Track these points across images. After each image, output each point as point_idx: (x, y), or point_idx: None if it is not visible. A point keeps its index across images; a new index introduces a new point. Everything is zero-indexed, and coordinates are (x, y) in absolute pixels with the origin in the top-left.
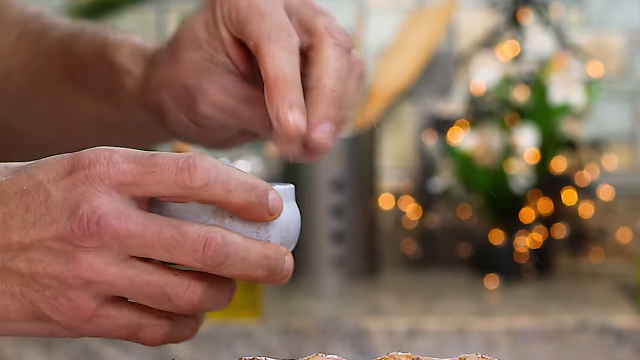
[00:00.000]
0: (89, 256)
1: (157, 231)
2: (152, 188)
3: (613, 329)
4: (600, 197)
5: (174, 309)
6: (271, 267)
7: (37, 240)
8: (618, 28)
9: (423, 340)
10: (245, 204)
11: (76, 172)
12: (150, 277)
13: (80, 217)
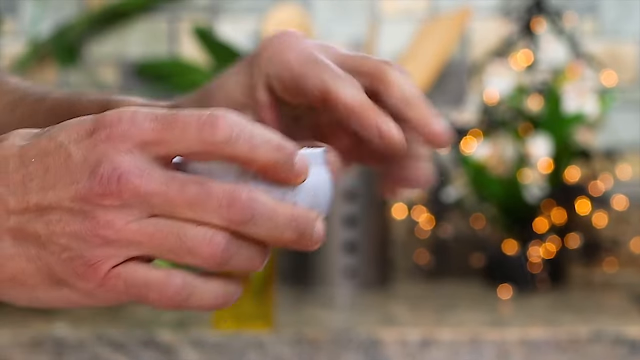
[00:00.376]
0: (109, 214)
1: (180, 188)
2: (174, 145)
3: (627, 339)
4: (614, 207)
5: (197, 262)
6: (300, 229)
7: (55, 201)
8: (632, 37)
9: (436, 351)
10: (270, 163)
11: (98, 132)
12: (169, 229)
13: (100, 176)
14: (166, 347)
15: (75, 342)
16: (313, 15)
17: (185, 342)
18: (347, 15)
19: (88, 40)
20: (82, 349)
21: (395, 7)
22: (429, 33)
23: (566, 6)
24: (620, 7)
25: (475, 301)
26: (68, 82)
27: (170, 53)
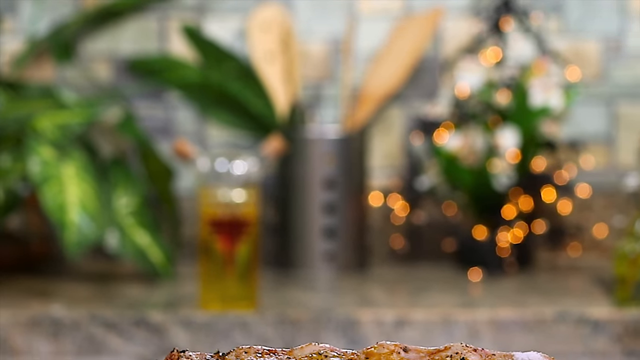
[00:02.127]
0: None
1: None
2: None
3: (590, 319)
4: (577, 195)
5: None
6: None
7: None
8: (595, 35)
9: (410, 330)
10: None
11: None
12: None
13: None
14: (156, 326)
15: (71, 323)
16: (294, 14)
17: (174, 322)
18: (326, 14)
19: (83, 38)
20: (77, 329)
21: (372, 7)
22: (403, 31)
23: (533, 6)
24: (584, 7)
25: (447, 284)
26: (64, 77)
27: (160, 50)
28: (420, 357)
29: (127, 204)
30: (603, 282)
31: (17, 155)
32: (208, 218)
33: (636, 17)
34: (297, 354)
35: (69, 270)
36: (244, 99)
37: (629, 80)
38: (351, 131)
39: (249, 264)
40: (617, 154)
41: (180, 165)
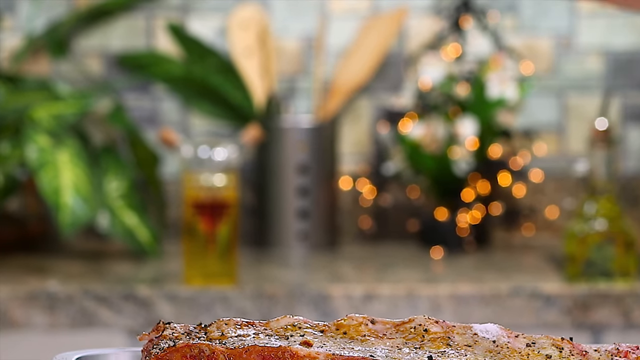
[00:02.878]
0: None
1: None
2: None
3: (542, 294)
4: (531, 180)
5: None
6: None
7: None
8: (547, 32)
9: (377, 304)
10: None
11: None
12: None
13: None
14: (144, 300)
15: (65, 297)
16: (270, 13)
17: (160, 296)
18: (300, 14)
19: (76, 35)
20: (71, 303)
21: (342, 6)
22: (371, 29)
23: (490, 5)
24: (537, 6)
25: (411, 261)
26: (59, 71)
27: (147, 46)
28: (387, 328)
29: (116, 188)
30: (554, 260)
31: (15, 143)
32: (191, 201)
33: (585, 15)
34: (273, 325)
35: (64, 249)
36: (225, 91)
37: (578, 74)
38: (323, 121)
39: (229, 243)
40: (567, 142)
41: (166, 152)
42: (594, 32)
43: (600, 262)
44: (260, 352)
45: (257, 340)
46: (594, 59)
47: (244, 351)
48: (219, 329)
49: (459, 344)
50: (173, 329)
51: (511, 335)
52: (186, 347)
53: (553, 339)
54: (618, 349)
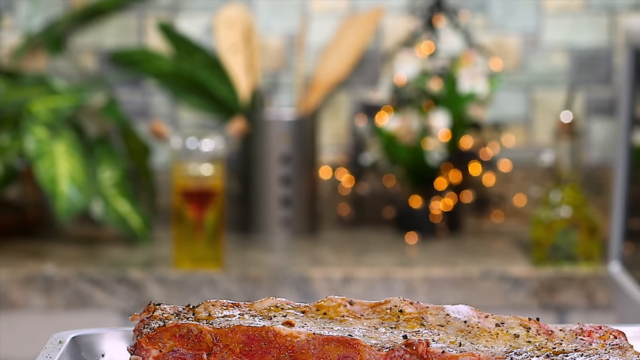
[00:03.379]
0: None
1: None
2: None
3: (511, 276)
4: (500, 169)
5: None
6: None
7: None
8: (515, 31)
9: (355, 286)
10: None
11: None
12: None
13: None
14: (135, 283)
15: (61, 279)
16: (255, 12)
17: (151, 279)
18: (282, 13)
19: (72, 33)
20: (66, 285)
21: (322, 6)
22: (349, 27)
23: (461, 5)
24: (506, 6)
25: (387, 246)
26: (56, 67)
27: (139, 44)
28: (364, 309)
29: (110, 177)
30: (522, 245)
31: (14, 135)
32: (180, 189)
33: (551, 15)
34: (257, 306)
35: (60, 234)
36: (211, 86)
37: (544, 70)
38: (304, 114)
39: (215, 229)
40: (534, 133)
41: (156, 143)
42: (559, 31)
43: (565, 246)
44: (245, 331)
45: (242, 320)
46: (559, 56)
47: (230, 331)
48: (206, 310)
49: (432, 324)
50: (163, 310)
51: (481, 316)
52: (175, 327)
53: (521, 319)
54: (582, 328)
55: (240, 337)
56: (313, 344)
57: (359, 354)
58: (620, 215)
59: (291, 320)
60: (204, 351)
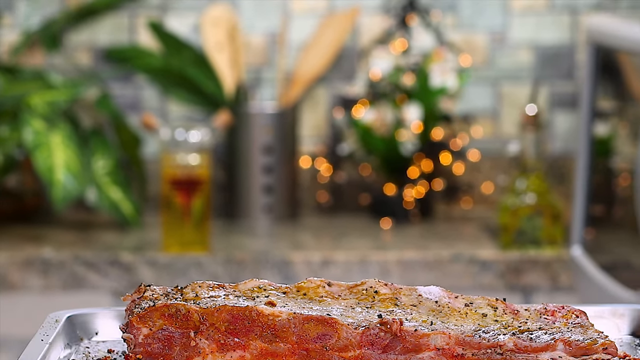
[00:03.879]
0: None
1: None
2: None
3: (479, 259)
4: (469, 159)
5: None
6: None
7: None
8: (483, 29)
9: (334, 269)
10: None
11: None
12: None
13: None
14: (127, 265)
15: (58, 262)
16: (239, 12)
17: (141, 262)
18: (265, 12)
19: (67, 31)
20: (63, 267)
21: (302, 6)
22: (327, 26)
23: (432, 5)
24: (474, 6)
25: (363, 231)
26: (52, 63)
27: (130, 41)
28: (341, 290)
29: (103, 166)
30: (489, 230)
31: (13, 126)
32: (169, 177)
33: (517, 14)
34: (241, 287)
35: (56, 220)
36: (198, 81)
37: (510, 66)
38: (285, 107)
39: (202, 214)
40: (501, 125)
41: (147, 134)
42: (524, 29)
43: (530, 231)
44: (229, 311)
45: (227, 300)
46: (525, 53)
47: (216, 310)
48: (193, 291)
49: (406, 304)
50: (153, 291)
51: (451, 296)
52: (164, 306)
53: (488, 299)
54: (546, 308)
55: (226, 316)
56: (294, 323)
57: (336, 332)
58: (581, 202)
59: (273, 301)
60: (192, 329)
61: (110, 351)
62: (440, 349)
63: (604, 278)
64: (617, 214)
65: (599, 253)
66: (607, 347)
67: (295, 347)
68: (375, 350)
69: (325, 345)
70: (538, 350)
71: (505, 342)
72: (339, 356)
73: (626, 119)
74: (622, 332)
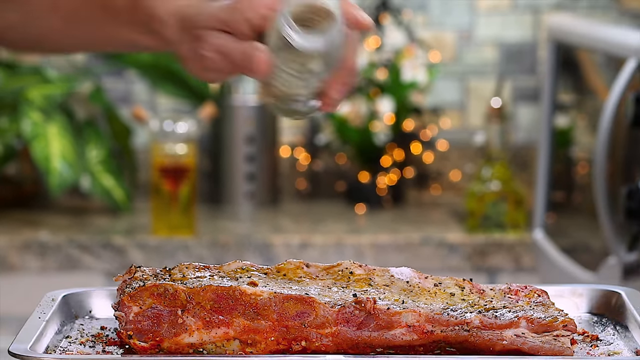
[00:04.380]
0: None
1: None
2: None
3: (447, 242)
4: (438, 148)
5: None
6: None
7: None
8: (451, 27)
9: (311, 251)
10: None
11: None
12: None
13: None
14: (119, 248)
15: (54, 245)
16: None
17: (132, 245)
18: None
19: None
20: (59, 250)
21: None
22: None
23: (404, 5)
24: (443, 5)
25: (339, 216)
26: (49, 59)
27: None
28: (319, 271)
29: (96, 155)
30: (457, 215)
31: (13, 118)
32: (158, 166)
33: (483, 13)
34: (225, 269)
35: (53, 205)
36: (185, 76)
37: (476, 62)
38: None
39: (189, 200)
40: (468, 117)
41: (137, 125)
42: (490, 27)
43: (495, 216)
44: (214, 290)
45: (212, 281)
46: (490, 49)
47: (201, 290)
48: (180, 272)
49: (379, 284)
50: (143, 272)
51: (421, 277)
52: (153, 286)
53: (456, 280)
54: (510, 288)
55: (211, 295)
56: (274, 302)
57: (314, 310)
58: (543, 189)
59: (255, 281)
60: (179, 308)
61: (103, 328)
62: (411, 326)
63: (564, 260)
64: (576, 199)
65: (559, 236)
66: (567, 324)
67: (276, 324)
68: (351, 327)
69: (303, 322)
70: (502, 327)
71: (471, 320)
72: (317, 332)
73: (585, 112)
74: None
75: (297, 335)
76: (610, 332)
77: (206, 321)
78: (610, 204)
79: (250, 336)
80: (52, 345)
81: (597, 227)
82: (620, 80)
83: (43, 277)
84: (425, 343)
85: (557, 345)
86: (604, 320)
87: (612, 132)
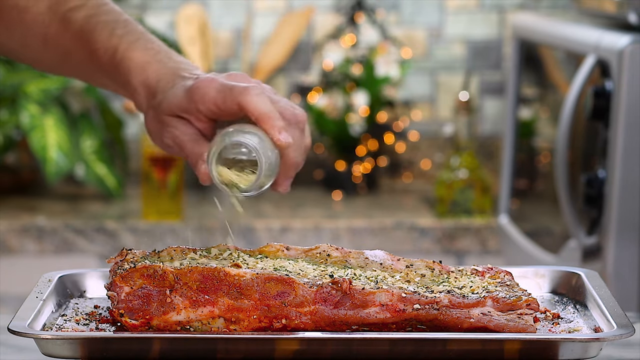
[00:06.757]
0: None
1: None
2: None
3: (418, 227)
4: (409, 139)
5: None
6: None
7: None
8: (422, 25)
9: (291, 235)
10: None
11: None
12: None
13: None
14: (111, 232)
15: (51, 229)
16: (209, 11)
17: (124, 229)
18: (231, 11)
19: None
20: (55, 234)
21: (264, 5)
22: (286, 23)
23: (378, 4)
24: (414, 5)
25: (317, 202)
26: None
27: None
28: (298, 253)
29: (90, 145)
30: (427, 201)
31: (12, 111)
32: (148, 155)
33: (451, 12)
34: (211, 252)
35: (49, 192)
36: None
37: (446, 58)
38: None
39: (177, 187)
40: (438, 110)
41: (129, 117)
42: (458, 25)
43: (462, 202)
44: (200, 272)
45: (198, 262)
46: (458, 46)
47: (188, 271)
48: (169, 255)
49: (354, 266)
50: (134, 254)
51: (394, 259)
52: (143, 268)
53: (426, 262)
54: (476, 269)
55: (197, 276)
56: (256, 282)
57: (294, 290)
58: (508, 177)
59: (239, 263)
60: (167, 288)
61: (97, 307)
62: (385, 305)
63: (527, 243)
64: (539, 187)
65: (523, 221)
66: (530, 303)
67: (258, 303)
68: (328, 306)
69: (284, 301)
70: (470, 306)
71: (441, 299)
72: (296, 311)
73: (547, 105)
74: (543, 290)
75: (277, 313)
76: (570, 310)
77: (193, 300)
78: (571, 191)
79: (234, 314)
80: (49, 323)
81: (558, 213)
82: (580, 75)
83: (40, 259)
84: (397, 321)
85: (521, 323)
86: (564, 300)
87: (572, 124)
